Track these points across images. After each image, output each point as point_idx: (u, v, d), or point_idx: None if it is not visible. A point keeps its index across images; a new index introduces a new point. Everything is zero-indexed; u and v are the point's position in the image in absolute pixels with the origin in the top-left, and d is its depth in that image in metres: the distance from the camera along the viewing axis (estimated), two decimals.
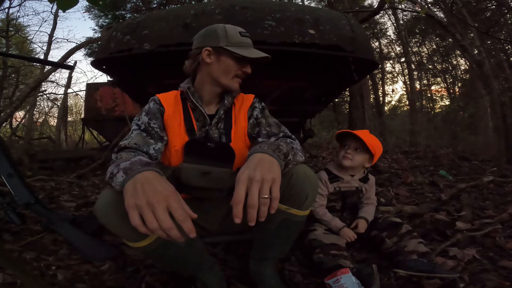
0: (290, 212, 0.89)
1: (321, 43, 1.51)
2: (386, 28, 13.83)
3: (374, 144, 1.32)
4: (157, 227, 0.59)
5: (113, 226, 0.74)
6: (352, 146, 1.34)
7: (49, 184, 2.93)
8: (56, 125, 9.90)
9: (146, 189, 0.62)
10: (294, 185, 0.85)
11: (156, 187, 0.62)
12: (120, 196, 0.66)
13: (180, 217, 0.60)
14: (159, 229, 0.59)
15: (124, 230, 0.74)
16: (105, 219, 0.73)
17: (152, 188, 0.62)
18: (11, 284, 1.02)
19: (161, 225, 0.59)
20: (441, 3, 6.50)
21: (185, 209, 0.61)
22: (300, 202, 0.87)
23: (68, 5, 0.74)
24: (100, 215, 0.73)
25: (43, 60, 4.96)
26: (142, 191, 0.61)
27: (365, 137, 1.30)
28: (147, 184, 0.63)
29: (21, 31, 9.28)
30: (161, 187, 0.63)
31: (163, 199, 0.60)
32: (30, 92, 3.70)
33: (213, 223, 1.06)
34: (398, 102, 17.00)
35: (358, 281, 0.96)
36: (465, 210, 1.72)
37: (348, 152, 1.34)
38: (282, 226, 0.92)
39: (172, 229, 0.59)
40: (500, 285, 0.98)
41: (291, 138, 0.96)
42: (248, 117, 1.03)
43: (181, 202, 0.62)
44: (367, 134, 1.35)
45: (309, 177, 0.87)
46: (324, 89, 2.12)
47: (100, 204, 0.73)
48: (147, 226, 0.59)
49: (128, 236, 0.78)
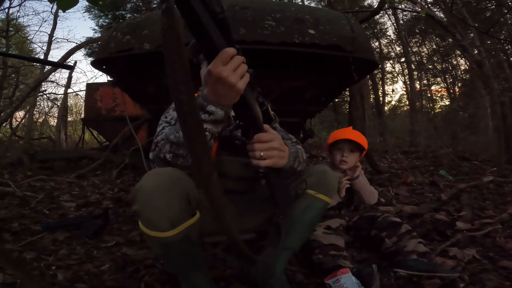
0: (317, 197, 1.04)
1: (321, 43, 1.51)
2: (386, 28, 13.82)
3: (364, 141, 1.37)
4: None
5: (154, 208, 0.76)
6: (346, 148, 1.38)
7: (49, 184, 2.93)
8: (56, 125, 9.91)
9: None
10: (326, 177, 1.05)
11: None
12: (168, 180, 0.72)
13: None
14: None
15: (161, 214, 0.77)
16: (147, 201, 0.76)
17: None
18: (11, 284, 1.02)
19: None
20: (441, 3, 6.50)
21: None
22: (328, 190, 1.06)
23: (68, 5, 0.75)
24: (143, 196, 0.76)
25: (43, 60, 4.96)
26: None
27: (357, 138, 1.35)
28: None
29: (21, 31, 9.28)
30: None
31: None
32: (30, 92, 3.70)
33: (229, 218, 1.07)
34: (398, 102, 17.03)
35: (358, 281, 0.96)
36: (465, 210, 1.72)
37: (345, 156, 1.37)
38: (308, 209, 1.04)
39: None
40: (500, 285, 0.98)
41: (299, 145, 1.09)
42: None
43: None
44: (356, 133, 1.39)
45: (335, 175, 1.10)
46: (324, 89, 2.12)
47: (146, 185, 0.77)
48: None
49: (163, 222, 0.79)
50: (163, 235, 0.81)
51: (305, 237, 1.11)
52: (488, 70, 3.43)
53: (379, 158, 4.66)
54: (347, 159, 1.37)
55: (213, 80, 0.65)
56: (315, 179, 1.03)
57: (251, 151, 0.79)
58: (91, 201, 2.28)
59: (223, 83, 0.64)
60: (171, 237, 0.81)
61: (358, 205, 1.56)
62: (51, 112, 12.49)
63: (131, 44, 1.53)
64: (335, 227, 1.30)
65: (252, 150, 0.79)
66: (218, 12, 0.58)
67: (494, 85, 3.41)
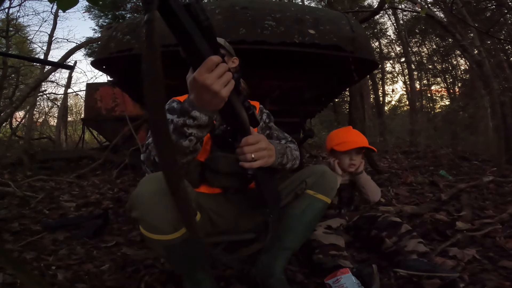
0: (316, 197, 1.05)
1: (321, 43, 1.51)
2: (386, 28, 13.81)
3: (367, 141, 1.39)
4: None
5: (155, 212, 0.77)
6: (354, 152, 1.38)
7: (49, 184, 2.93)
8: (56, 125, 9.91)
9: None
10: (326, 177, 1.06)
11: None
12: (166, 184, 0.73)
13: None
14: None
15: (163, 218, 0.78)
16: (146, 206, 0.77)
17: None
18: (11, 284, 1.02)
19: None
20: (441, 3, 6.50)
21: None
22: (327, 190, 1.06)
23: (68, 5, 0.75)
24: (143, 201, 0.77)
25: (43, 60, 4.96)
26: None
27: (366, 142, 1.37)
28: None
29: (21, 31, 9.27)
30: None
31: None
32: (30, 92, 3.70)
33: (226, 218, 1.07)
34: (398, 102, 17.01)
35: (358, 281, 0.96)
36: (465, 210, 1.72)
37: (354, 159, 1.38)
38: (307, 209, 1.05)
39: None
40: (500, 285, 0.98)
41: (294, 143, 1.12)
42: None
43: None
44: (362, 137, 1.41)
45: (334, 175, 1.11)
46: (324, 89, 2.12)
47: (144, 190, 0.78)
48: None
49: (165, 225, 0.80)
50: (167, 238, 0.82)
51: (304, 237, 1.11)
52: (488, 70, 3.42)
53: (379, 158, 4.66)
54: (356, 162, 1.38)
55: (198, 87, 0.66)
56: (315, 179, 1.05)
57: (241, 154, 0.82)
58: (91, 201, 2.29)
59: (208, 91, 0.66)
60: (175, 240, 0.82)
61: (359, 205, 1.56)
62: (51, 112, 12.51)
63: (131, 44, 1.53)
64: (335, 227, 1.30)
65: (243, 153, 0.81)
66: (203, 19, 0.58)
67: (494, 85, 3.41)
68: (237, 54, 1.15)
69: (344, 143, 1.38)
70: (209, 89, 0.65)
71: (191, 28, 0.57)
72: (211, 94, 0.67)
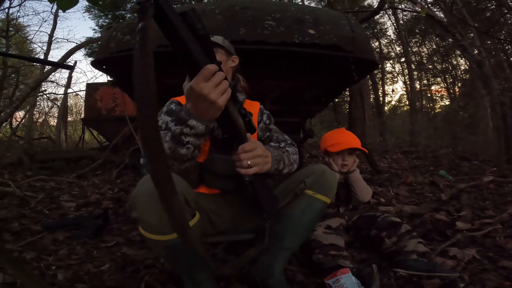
0: (316, 197, 1.05)
1: (321, 43, 1.51)
2: (386, 28, 13.83)
3: (359, 142, 1.41)
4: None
5: (154, 213, 0.77)
6: (346, 153, 1.41)
7: (49, 184, 2.93)
8: (56, 125, 9.91)
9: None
10: (325, 177, 1.06)
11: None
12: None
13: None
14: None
15: (162, 219, 0.78)
16: (145, 206, 0.77)
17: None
18: (11, 284, 1.02)
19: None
20: (441, 3, 6.50)
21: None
22: (327, 190, 1.06)
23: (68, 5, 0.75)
24: (142, 202, 0.78)
25: (43, 60, 4.96)
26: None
27: (358, 144, 1.39)
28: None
29: (21, 31, 9.27)
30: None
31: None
32: (30, 92, 3.70)
33: (225, 218, 1.07)
34: (398, 102, 17.02)
35: (358, 281, 0.96)
36: (465, 210, 1.72)
37: (346, 160, 1.40)
38: (307, 209, 1.05)
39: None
40: (500, 285, 0.98)
41: (293, 146, 1.12)
42: (258, 121, 1.13)
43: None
44: (354, 138, 1.44)
45: (334, 175, 1.10)
46: (324, 89, 2.12)
47: (143, 191, 0.78)
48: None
49: (165, 226, 0.80)
50: (166, 238, 0.82)
51: (304, 237, 1.11)
52: (488, 70, 3.42)
53: (379, 158, 4.66)
54: (348, 162, 1.41)
55: (195, 96, 0.66)
56: (314, 179, 1.05)
57: (238, 161, 0.82)
58: (91, 201, 2.29)
59: (204, 100, 0.66)
60: (174, 240, 0.82)
61: (358, 204, 1.56)
62: (51, 112, 12.51)
63: (131, 44, 1.53)
64: (335, 227, 1.30)
65: (239, 160, 0.82)
66: (199, 28, 0.58)
67: (494, 85, 3.41)
68: (237, 54, 1.15)
69: (337, 144, 1.41)
70: (206, 98, 0.65)
71: (187, 37, 0.56)
72: (208, 104, 0.67)
